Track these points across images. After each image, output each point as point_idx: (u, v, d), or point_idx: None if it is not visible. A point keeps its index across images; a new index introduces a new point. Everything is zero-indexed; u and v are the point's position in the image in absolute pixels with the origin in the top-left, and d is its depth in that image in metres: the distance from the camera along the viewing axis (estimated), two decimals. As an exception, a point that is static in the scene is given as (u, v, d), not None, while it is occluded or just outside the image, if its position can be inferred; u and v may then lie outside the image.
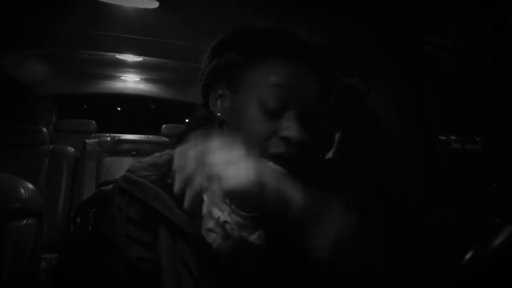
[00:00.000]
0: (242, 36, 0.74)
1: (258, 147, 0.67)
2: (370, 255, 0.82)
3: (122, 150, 2.49)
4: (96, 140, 2.54)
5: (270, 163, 0.67)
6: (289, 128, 0.67)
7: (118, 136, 2.66)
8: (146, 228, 0.70)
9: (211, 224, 0.73)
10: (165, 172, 0.73)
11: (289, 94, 0.67)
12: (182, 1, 1.16)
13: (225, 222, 0.73)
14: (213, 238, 0.72)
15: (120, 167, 2.40)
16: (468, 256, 0.96)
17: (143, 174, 0.73)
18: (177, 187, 0.72)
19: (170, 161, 0.76)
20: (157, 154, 0.79)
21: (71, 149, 2.43)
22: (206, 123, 0.79)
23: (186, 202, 0.72)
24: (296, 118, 0.67)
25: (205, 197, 0.75)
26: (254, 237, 0.74)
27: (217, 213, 0.74)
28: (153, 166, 0.75)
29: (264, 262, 0.74)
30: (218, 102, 0.74)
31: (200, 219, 0.73)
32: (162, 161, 0.76)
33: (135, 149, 2.51)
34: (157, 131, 3.96)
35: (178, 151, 0.79)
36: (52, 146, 2.41)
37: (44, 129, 2.50)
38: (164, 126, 3.86)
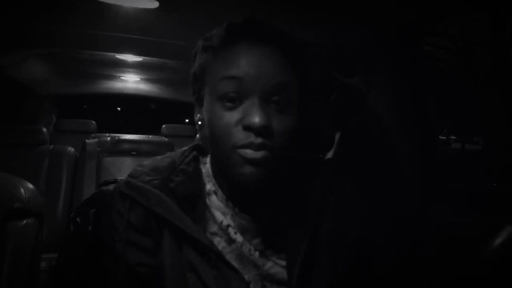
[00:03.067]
0: (203, 44, 0.74)
1: (228, 143, 0.66)
2: (374, 254, 0.82)
3: (122, 150, 2.49)
4: (96, 140, 2.54)
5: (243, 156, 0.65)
6: (248, 116, 0.65)
7: (118, 136, 2.66)
8: (147, 233, 0.70)
9: (214, 228, 0.73)
10: (167, 176, 0.73)
11: (243, 85, 0.66)
12: (182, 1, 1.16)
13: (228, 225, 0.73)
14: (218, 242, 0.72)
15: (120, 167, 2.40)
16: (468, 256, 0.96)
17: (146, 179, 0.72)
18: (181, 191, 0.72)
19: (172, 164, 0.75)
20: (158, 157, 0.78)
21: (71, 149, 2.43)
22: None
23: (190, 206, 0.72)
24: (256, 106, 0.65)
25: (208, 200, 0.75)
26: (257, 240, 0.73)
27: (220, 217, 0.74)
28: (155, 170, 0.74)
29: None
30: (198, 113, 0.75)
31: (204, 222, 0.73)
32: (164, 164, 0.75)
33: (135, 149, 2.51)
34: (157, 131, 3.96)
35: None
36: (52, 146, 2.41)
37: (44, 129, 2.50)
38: (164, 126, 3.86)
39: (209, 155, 0.79)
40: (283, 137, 0.66)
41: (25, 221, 0.82)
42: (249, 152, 0.64)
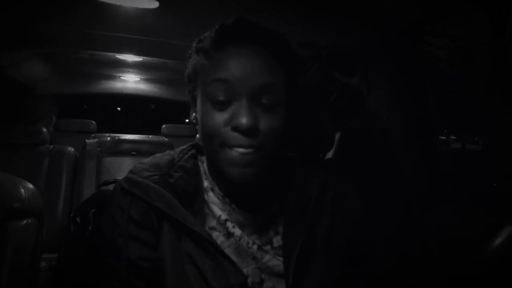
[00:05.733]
0: (198, 44, 0.75)
1: (218, 141, 0.68)
2: (370, 253, 0.82)
3: (122, 150, 2.49)
4: (96, 140, 2.53)
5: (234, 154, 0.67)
6: (236, 117, 0.67)
7: (118, 136, 2.66)
8: (148, 227, 0.71)
9: (213, 223, 0.74)
10: (167, 172, 0.75)
11: (231, 87, 0.67)
12: (182, 1, 1.16)
13: (226, 220, 0.75)
14: (216, 236, 0.73)
15: (120, 167, 2.40)
16: (468, 256, 0.96)
17: (146, 175, 0.74)
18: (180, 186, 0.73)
19: (171, 161, 0.77)
20: (158, 155, 0.80)
21: (71, 149, 2.43)
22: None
23: (190, 201, 0.73)
24: (244, 107, 0.67)
25: (207, 196, 0.76)
26: (255, 235, 0.75)
27: (218, 212, 0.75)
28: (154, 166, 0.76)
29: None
30: (193, 113, 0.77)
31: (202, 217, 0.74)
32: (163, 161, 0.77)
33: (135, 149, 2.51)
34: (157, 131, 3.97)
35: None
36: (52, 146, 2.41)
37: (44, 129, 2.49)
38: (164, 126, 3.86)
39: None
40: (270, 136, 0.68)
41: (25, 221, 0.82)
42: (237, 153, 0.67)
